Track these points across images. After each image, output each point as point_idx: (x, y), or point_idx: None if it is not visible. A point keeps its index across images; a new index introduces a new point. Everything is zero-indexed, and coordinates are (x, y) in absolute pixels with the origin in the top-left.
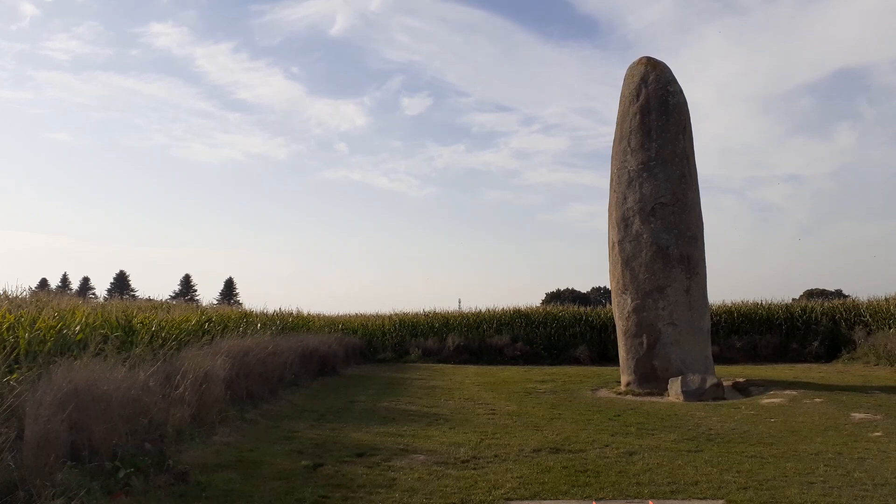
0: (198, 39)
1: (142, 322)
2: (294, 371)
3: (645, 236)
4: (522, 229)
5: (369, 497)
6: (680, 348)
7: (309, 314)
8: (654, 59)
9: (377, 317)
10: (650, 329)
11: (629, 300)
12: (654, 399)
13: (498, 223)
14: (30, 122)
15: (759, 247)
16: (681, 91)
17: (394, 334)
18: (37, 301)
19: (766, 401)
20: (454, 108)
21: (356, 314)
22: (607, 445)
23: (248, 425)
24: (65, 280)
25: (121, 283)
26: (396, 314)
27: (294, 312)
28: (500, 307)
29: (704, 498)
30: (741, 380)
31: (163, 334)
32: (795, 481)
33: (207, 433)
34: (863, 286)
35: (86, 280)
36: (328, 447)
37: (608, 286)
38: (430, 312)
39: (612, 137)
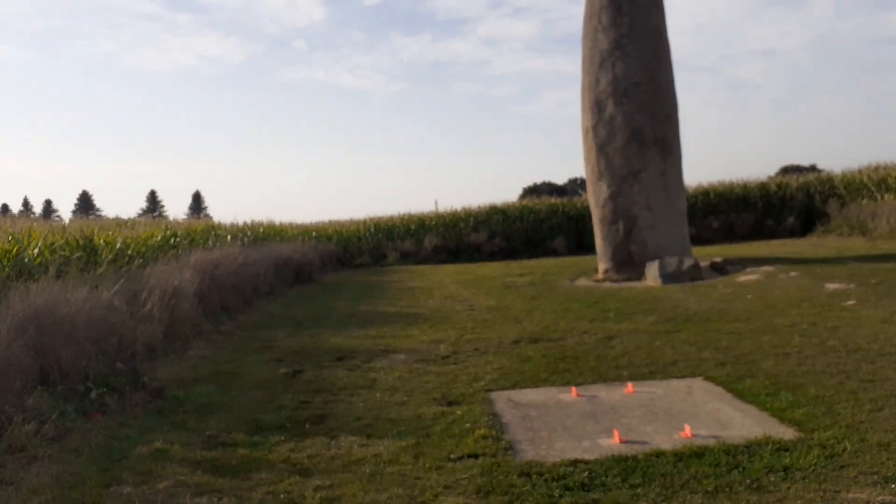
0: None
1: (104, 240)
2: (269, 281)
3: (619, 119)
4: (496, 122)
5: (350, 399)
6: (656, 232)
7: (281, 224)
8: None
9: (352, 222)
10: (626, 215)
11: (605, 187)
12: (631, 284)
13: (471, 118)
14: None
15: (733, 125)
16: None
17: (370, 239)
18: None
19: (742, 278)
20: None
21: (330, 221)
22: (585, 332)
23: (224, 337)
24: (26, 204)
25: (85, 203)
26: (371, 219)
27: (265, 223)
28: (477, 205)
29: (683, 377)
30: (718, 259)
31: (128, 252)
32: (771, 353)
33: (182, 348)
34: (837, 159)
35: (48, 203)
36: (307, 353)
37: (584, 176)
38: (405, 215)
39: (581, 22)
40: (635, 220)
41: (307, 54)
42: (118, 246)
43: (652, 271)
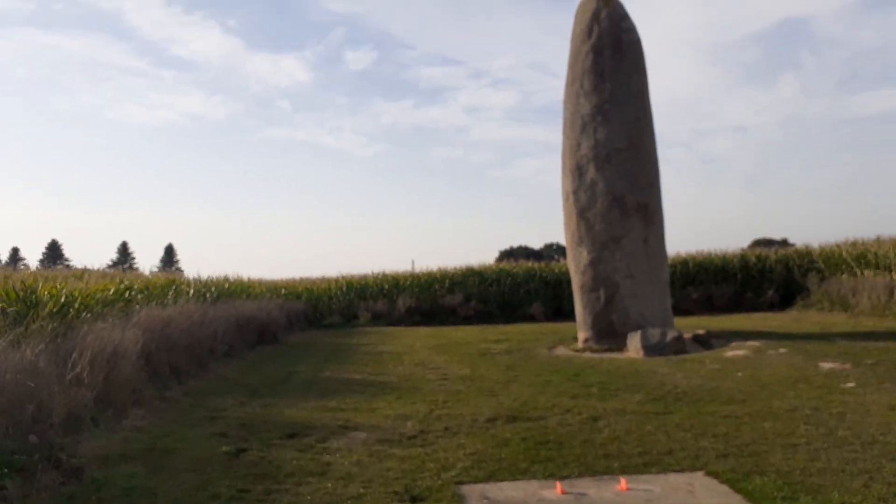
0: None
1: (49, 292)
2: (227, 341)
3: (600, 185)
4: (473, 187)
5: (297, 489)
6: (638, 301)
7: (250, 279)
8: None
9: (323, 280)
10: (607, 282)
11: (585, 253)
12: (613, 355)
13: (448, 181)
14: None
15: (706, 198)
16: (634, 28)
17: (341, 298)
18: None
19: (729, 353)
20: (400, 61)
21: (301, 278)
22: (568, 411)
23: (168, 405)
24: None
25: (53, 252)
26: (343, 277)
27: (232, 278)
28: (453, 266)
29: (681, 470)
30: (701, 332)
31: (76, 305)
32: (777, 444)
33: (116, 417)
34: (808, 234)
35: (15, 251)
36: (256, 428)
37: (561, 242)
38: (379, 274)
39: (563, 88)
40: (617, 288)
41: (290, 115)
42: (62, 300)
43: (634, 342)
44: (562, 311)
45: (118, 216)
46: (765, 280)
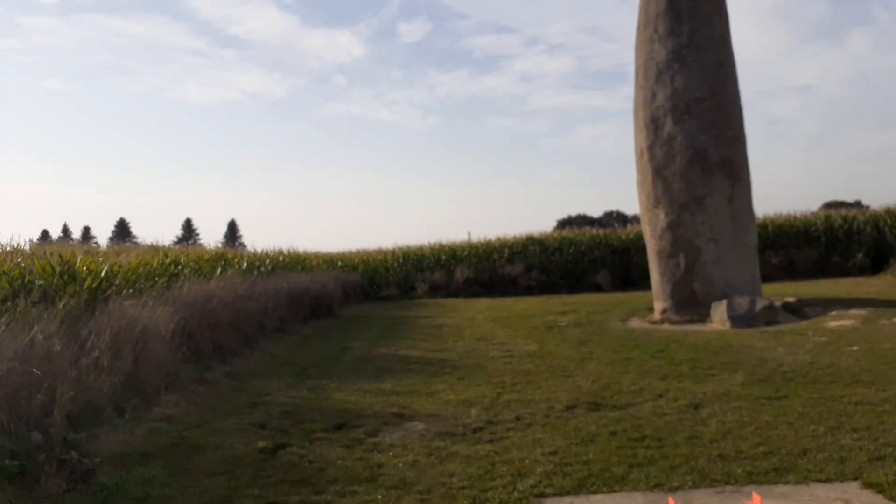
0: None
1: (87, 267)
2: (279, 315)
3: (679, 139)
4: (530, 156)
5: (339, 501)
6: (723, 267)
7: (305, 252)
8: None
9: (379, 252)
10: (688, 247)
11: (662, 215)
12: (696, 328)
13: (504, 151)
14: (19, 70)
15: (771, 162)
16: None
17: (398, 269)
18: None
19: (832, 324)
20: (454, 31)
21: (358, 250)
22: (661, 395)
23: (206, 389)
24: (66, 230)
25: (122, 230)
26: (400, 248)
27: (287, 251)
28: (512, 235)
29: (828, 479)
30: (791, 299)
31: (116, 281)
32: None
33: (145, 405)
34: (880, 196)
35: (87, 229)
36: (300, 416)
37: (622, 209)
38: (435, 244)
39: (634, 34)
40: (698, 254)
41: (346, 90)
42: (102, 274)
43: (719, 313)
44: (630, 280)
45: (183, 194)
46: (852, 243)
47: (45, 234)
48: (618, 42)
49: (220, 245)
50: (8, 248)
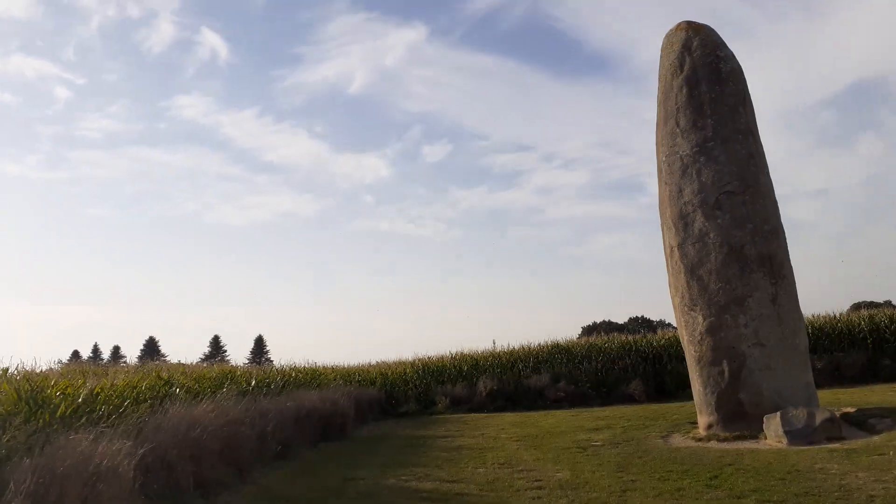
0: (223, 108)
1: (63, 391)
2: (282, 439)
3: (712, 235)
4: (551, 264)
5: None
6: (772, 375)
7: (323, 367)
8: (694, 22)
9: (399, 363)
10: (731, 353)
11: (700, 318)
12: (749, 445)
13: (525, 260)
14: (66, 200)
15: (795, 265)
16: (733, 56)
17: (417, 382)
18: None
19: None
20: (474, 151)
21: (376, 363)
22: None
23: None
24: (96, 350)
25: (150, 348)
26: (420, 359)
27: (303, 366)
28: (537, 343)
29: None
30: (850, 409)
31: (98, 405)
32: None
33: None
34: None
35: (116, 349)
36: None
37: (648, 315)
38: (456, 354)
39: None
40: (744, 360)
41: (373, 207)
42: (80, 399)
43: (773, 427)
44: (664, 389)
45: (212, 311)
46: None
47: (76, 355)
48: (630, 155)
49: (246, 361)
50: None
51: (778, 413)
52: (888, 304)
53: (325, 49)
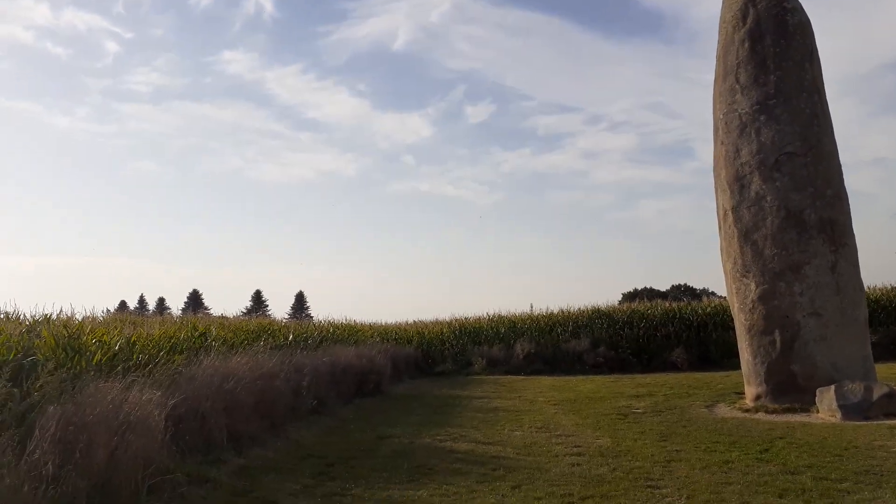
0: (267, 63)
1: (99, 339)
2: (318, 394)
3: (769, 198)
4: (593, 229)
5: None
6: (828, 346)
7: (360, 324)
8: None
9: (436, 323)
10: (784, 322)
11: (753, 285)
12: (800, 418)
13: (568, 225)
14: (115, 153)
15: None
16: (801, 7)
17: (454, 343)
18: None
19: None
20: (518, 112)
21: (413, 322)
22: None
23: (205, 491)
24: (142, 301)
25: (194, 301)
26: (457, 319)
27: (340, 322)
28: (576, 307)
29: None
30: None
31: (135, 354)
32: None
33: None
34: None
35: (161, 300)
36: None
37: (690, 283)
38: (494, 316)
39: (711, 86)
40: (798, 330)
41: (415, 168)
42: (117, 347)
43: (826, 401)
44: (709, 357)
45: (255, 268)
46: None
47: (122, 305)
48: (680, 118)
49: (287, 316)
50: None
51: (833, 386)
52: None
53: (370, 5)
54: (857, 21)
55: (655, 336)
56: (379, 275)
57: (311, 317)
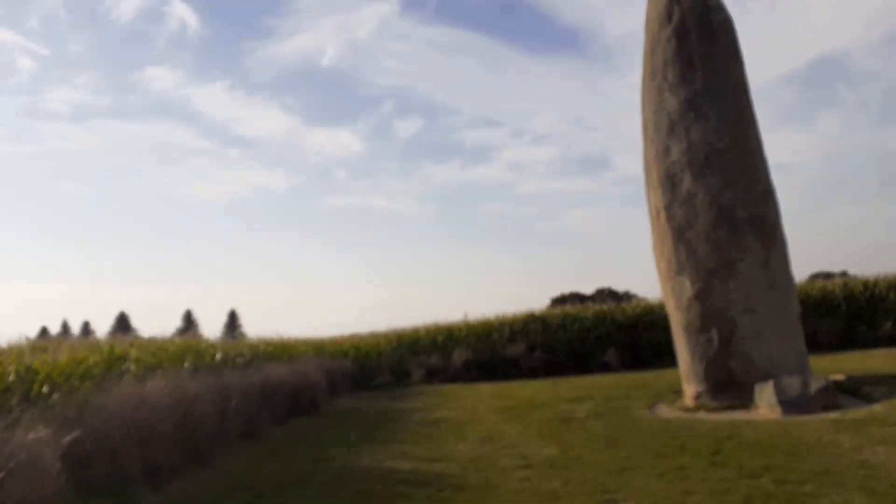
0: (194, 80)
1: None
2: (247, 417)
3: (700, 196)
4: (522, 238)
5: None
6: (764, 342)
7: (295, 339)
8: None
9: (372, 336)
10: (720, 319)
11: (688, 283)
12: (742, 416)
13: (497, 235)
14: (33, 174)
15: None
16: (723, 6)
17: (391, 354)
18: None
19: None
20: (446, 126)
21: (350, 335)
22: None
23: None
24: (65, 326)
25: (122, 323)
26: (393, 331)
27: (272, 339)
28: (511, 313)
29: None
30: (839, 377)
31: (35, 385)
32: None
33: None
34: (867, 266)
35: (86, 324)
36: None
37: (614, 286)
38: (431, 326)
39: (639, 86)
40: (734, 327)
41: (346, 182)
42: (10, 378)
43: (766, 396)
44: (640, 358)
45: (186, 286)
46: (877, 311)
47: (43, 331)
48: (599, 131)
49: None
50: None
51: (771, 382)
52: (844, 273)
53: (297, 21)
54: (757, 37)
55: (588, 338)
56: (314, 290)
57: (245, 335)
